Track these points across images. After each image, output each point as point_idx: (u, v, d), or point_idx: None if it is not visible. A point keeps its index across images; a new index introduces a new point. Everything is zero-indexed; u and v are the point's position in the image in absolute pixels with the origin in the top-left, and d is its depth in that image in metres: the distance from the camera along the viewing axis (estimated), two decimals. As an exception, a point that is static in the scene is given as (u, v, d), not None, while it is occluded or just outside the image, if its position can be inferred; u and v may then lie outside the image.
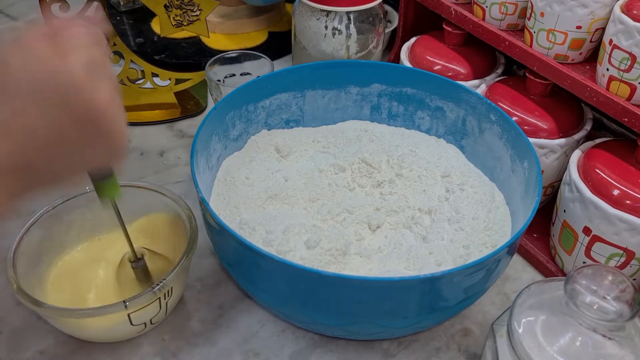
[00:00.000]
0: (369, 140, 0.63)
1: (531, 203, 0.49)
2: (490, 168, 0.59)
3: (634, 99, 0.50)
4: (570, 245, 0.55)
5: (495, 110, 0.57)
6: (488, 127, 0.58)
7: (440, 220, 0.54)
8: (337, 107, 0.64)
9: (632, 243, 0.50)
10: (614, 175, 0.51)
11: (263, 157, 0.61)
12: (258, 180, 0.58)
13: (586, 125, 0.59)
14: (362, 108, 0.65)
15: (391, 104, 0.64)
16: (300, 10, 0.65)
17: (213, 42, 0.90)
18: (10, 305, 0.55)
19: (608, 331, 0.39)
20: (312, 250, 0.50)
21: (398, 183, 0.59)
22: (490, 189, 0.58)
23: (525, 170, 0.53)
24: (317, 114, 0.64)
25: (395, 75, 0.62)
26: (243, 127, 0.61)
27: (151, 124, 0.77)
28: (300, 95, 0.63)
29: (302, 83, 0.62)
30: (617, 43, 0.49)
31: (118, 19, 0.94)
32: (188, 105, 0.79)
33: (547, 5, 0.54)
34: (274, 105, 0.62)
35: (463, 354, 0.52)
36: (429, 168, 0.59)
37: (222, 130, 0.58)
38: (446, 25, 0.66)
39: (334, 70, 0.62)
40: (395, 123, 0.65)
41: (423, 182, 0.58)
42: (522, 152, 0.54)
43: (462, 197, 0.56)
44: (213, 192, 0.57)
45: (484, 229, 0.53)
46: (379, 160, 0.60)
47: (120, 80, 0.75)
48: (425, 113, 0.63)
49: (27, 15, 1.01)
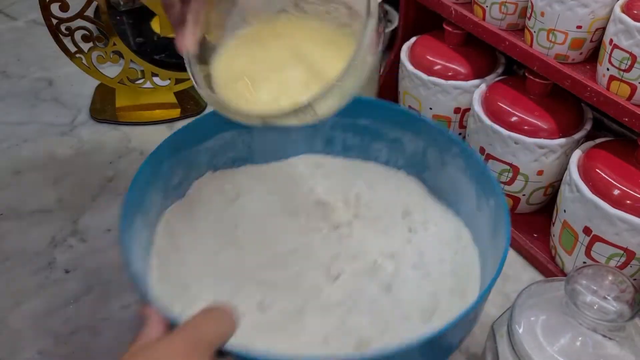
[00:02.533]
0: (322, 177, 0.59)
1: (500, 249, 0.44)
2: (455, 203, 0.55)
3: (634, 99, 0.50)
4: (571, 246, 0.55)
5: (458, 143, 0.52)
6: (450, 160, 0.54)
7: (404, 266, 0.51)
8: (287, 142, 0.60)
9: (633, 243, 0.50)
10: (615, 175, 0.51)
11: (208, 203, 0.56)
12: (203, 231, 0.53)
13: (586, 125, 0.59)
14: (315, 141, 0.60)
15: (345, 136, 0.59)
16: (300, 10, 0.65)
17: (213, 42, 0.90)
18: (10, 305, 0.55)
19: (608, 331, 0.39)
20: (265, 313, 0.46)
21: (356, 225, 0.54)
22: (455, 227, 0.54)
23: (492, 209, 0.49)
24: (266, 150, 0.60)
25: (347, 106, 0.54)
26: (184, 173, 0.55)
27: (151, 124, 0.77)
28: (247, 132, 0.58)
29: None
30: (617, 43, 0.49)
31: (118, 19, 0.94)
32: (188, 105, 0.79)
33: (548, 5, 0.54)
34: (217, 145, 0.57)
35: (463, 354, 0.52)
36: (388, 206, 0.55)
37: (160, 179, 0.52)
38: (446, 25, 0.66)
39: None
40: (351, 155, 0.61)
41: (383, 223, 0.54)
42: (488, 189, 0.49)
43: (426, 237, 0.53)
44: (153, 253, 0.50)
45: (451, 273, 0.50)
46: (334, 200, 0.56)
47: (120, 80, 0.75)
48: (383, 144, 0.59)
49: (27, 15, 1.01)
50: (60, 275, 0.58)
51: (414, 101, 0.68)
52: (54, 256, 0.59)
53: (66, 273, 0.58)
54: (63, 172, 0.70)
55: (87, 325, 0.53)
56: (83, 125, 0.77)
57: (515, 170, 0.59)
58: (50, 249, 0.60)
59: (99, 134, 0.76)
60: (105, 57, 0.72)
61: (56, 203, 0.66)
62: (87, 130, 0.76)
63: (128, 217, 0.46)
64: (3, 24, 0.99)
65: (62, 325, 0.53)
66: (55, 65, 0.87)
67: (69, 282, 0.57)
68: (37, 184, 0.68)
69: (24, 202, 0.65)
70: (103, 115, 0.78)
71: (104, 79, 0.74)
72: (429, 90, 0.66)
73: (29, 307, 0.55)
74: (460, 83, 0.65)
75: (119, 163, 0.71)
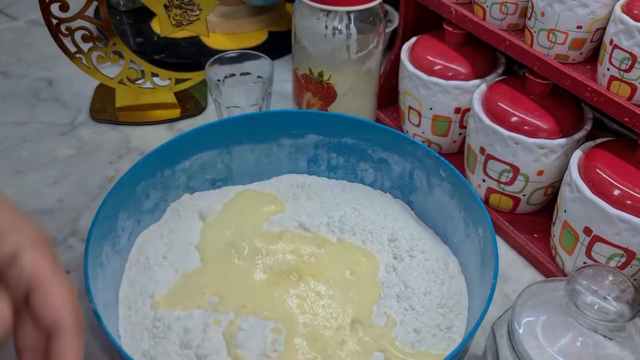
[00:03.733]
0: (306, 198, 0.57)
1: (488, 282, 0.44)
2: (443, 228, 0.54)
3: (634, 99, 0.50)
4: (571, 246, 0.55)
5: (445, 166, 0.51)
6: (438, 184, 0.53)
7: (387, 297, 0.49)
8: (270, 161, 0.59)
9: (633, 243, 0.50)
10: (615, 175, 0.51)
11: (185, 228, 0.54)
12: (176, 258, 0.51)
13: (586, 125, 0.59)
14: (298, 161, 0.59)
15: (330, 156, 0.58)
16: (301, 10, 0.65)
17: (213, 41, 0.90)
18: (10, 306, 0.54)
19: (609, 332, 0.39)
20: (239, 350, 0.44)
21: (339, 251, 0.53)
22: (443, 255, 0.52)
23: (480, 238, 0.48)
24: (247, 171, 0.59)
25: (331, 125, 0.56)
26: (159, 196, 0.54)
27: (151, 124, 0.77)
28: (226, 152, 0.57)
29: (226, 139, 0.56)
30: (617, 43, 0.49)
31: (118, 19, 0.94)
32: (188, 105, 0.79)
33: (548, 5, 0.54)
34: (195, 166, 0.56)
35: (463, 354, 0.52)
36: (374, 230, 0.54)
37: (132, 204, 0.51)
38: (446, 25, 0.66)
39: (262, 122, 0.56)
40: (336, 175, 0.60)
41: (368, 248, 0.53)
42: (476, 216, 0.48)
43: (412, 266, 0.51)
44: (124, 279, 0.50)
45: (437, 306, 0.48)
46: (317, 224, 0.54)
47: (120, 80, 0.75)
48: (368, 165, 0.58)
49: (27, 15, 1.01)
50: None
51: (414, 101, 0.68)
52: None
53: (66, 273, 0.58)
54: (63, 172, 0.70)
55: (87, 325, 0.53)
56: (83, 125, 0.77)
57: (516, 171, 0.59)
58: (50, 249, 0.60)
59: (99, 134, 0.76)
60: (105, 57, 0.72)
61: (56, 203, 0.66)
62: (87, 130, 0.76)
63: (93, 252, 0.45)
64: (3, 24, 0.99)
65: (62, 325, 0.53)
66: (55, 65, 0.87)
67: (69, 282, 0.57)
68: (37, 184, 0.68)
69: (24, 202, 0.65)
70: (103, 115, 0.78)
71: (104, 79, 0.74)
72: (429, 90, 0.66)
73: (29, 307, 0.55)
74: (460, 83, 0.65)
75: (119, 163, 0.71)
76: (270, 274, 0.51)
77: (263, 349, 0.45)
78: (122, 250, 0.51)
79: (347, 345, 0.46)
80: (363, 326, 0.47)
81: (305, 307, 0.48)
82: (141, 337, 0.46)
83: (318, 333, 0.46)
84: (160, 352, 0.45)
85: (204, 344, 0.45)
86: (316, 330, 0.47)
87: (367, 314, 0.48)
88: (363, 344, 0.46)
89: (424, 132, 0.70)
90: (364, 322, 0.48)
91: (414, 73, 0.66)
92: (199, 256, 0.52)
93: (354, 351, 0.45)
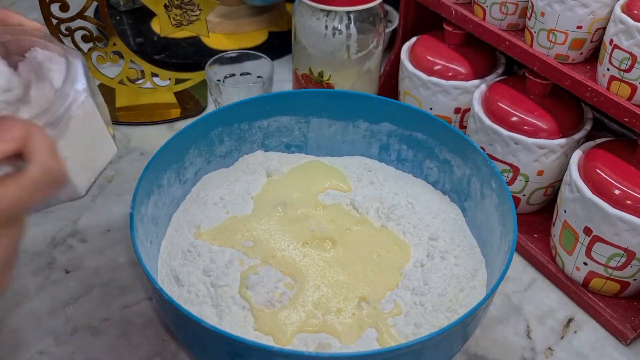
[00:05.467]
0: (368, 182, 0.59)
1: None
2: (485, 241, 0.53)
3: (634, 99, 0.50)
4: (571, 246, 0.55)
5: (497, 177, 0.51)
6: (488, 194, 0.53)
7: (404, 287, 0.50)
8: (345, 140, 0.62)
9: (633, 243, 0.50)
10: (615, 175, 0.51)
11: (249, 180, 0.58)
12: (231, 202, 0.56)
13: (586, 125, 0.59)
14: (371, 145, 0.61)
15: (401, 147, 0.60)
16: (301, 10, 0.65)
17: (213, 42, 0.90)
18: (10, 305, 0.55)
19: None
20: (249, 290, 0.49)
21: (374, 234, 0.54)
22: (475, 265, 0.52)
23: (506, 252, 0.47)
24: (322, 143, 0.62)
25: (405, 117, 0.58)
26: (234, 145, 0.59)
27: (151, 124, 0.77)
28: (304, 121, 0.60)
29: (305, 109, 0.59)
30: (617, 43, 0.49)
31: (118, 18, 0.94)
32: (188, 105, 0.79)
33: (548, 5, 0.54)
34: (272, 127, 0.60)
35: (463, 354, 0.52)
36: (418, 225, 0.55)
37: (205, 144, 0.57)
38: (446, 25, 0.66)
39: (342, 100, 0.59)
40: (404, 168, 0.61)
41: (406, 240, 0.54)
42: (509, 230, 0.47)
43: (439, 267, 0.51)
44: (181, 207, 0.56)
45: (447, 309, 0.48)
46: (367, 207, 0.56)
47: (120, 80, 0.75)
48: (434, 163, 0.59)
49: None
50: (60, 275, 0.58)
51: (414, 101, 0.68)
52: (54, 256, 0.59)
53: (66, 273, 0.58)
54: (63, 172, 0.70)
55: (87, 325, 0.53)
56: (83, 125, 0.77)
57: (516, 171, 0.59)
58: (50, 249, 0.60)
59: (99, 134, 0.76)
60: (105, 57, 0.72)
61: (56, 203, 0.66)
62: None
63: (156, 169, 0.51)
64: (3, 24, 0.99)
65: (62, 325, 0.53)
66: (55, 65, 0.87)
67: (69, 282, 0.57)
68: (37, 184, 0.68)
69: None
70: (103, 115, 0.78)
71: (104, 79, 0.74)
72: (429, 90, 0.66)
73: (29, 307, 0.55)
74: (460, 83, 0.65)
75: (119, 163, 0.71)
76: (306, 236, 0.54)
77: (270, 297, 0.48)
78: (187, 181, 0.56)
79: (342, 315, 0.48)
80: (369, 306, 0.49)
81: (326, 273, 0.51)
82: (175, 255, 0.52)
83: (324, 299, 0.49)
84: (184, 272, 0.50)
85: (222, 276, 0.49)
86: (325, 295, 0.49)
87: (378, 297, 0.49)
88: (359, 319, 0.48)
89: (424, 132, 0.70)
90: (371, 302, 0.49)
91: (414, 73, 0.66)
92: (252, 206, 0.56)
93: (347, 323, 0.47)
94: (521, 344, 0.54)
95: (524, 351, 0.53)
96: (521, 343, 0.54)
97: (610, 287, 0.55)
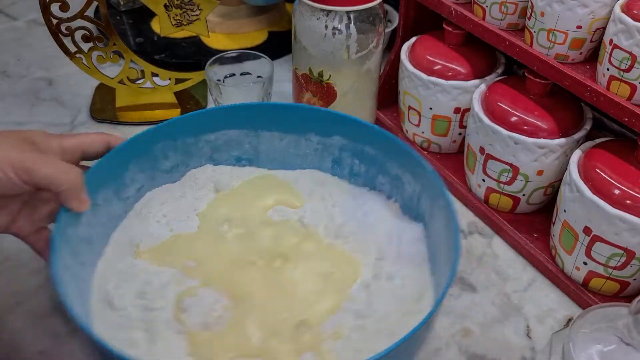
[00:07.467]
0: (320, 198, 0.57)
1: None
2: (434, 262, 0.50)
3: (634, 99, 0.50)
4: (571, 245, 0.55)
5: (444, 196, 0.47)
6: (436, 213, 0.49)
7: (347, 310, 0.47)
8: (297, 153, 0.59)
9: (633, 243, 0.50)
10: (615, 175, 0.51)
11: (196, 195, 0.56)
12: (175, 219, 0.54)
13: (586, 125, 0.59)
14: (324, 159, 0.59)
15: (353, 161, 0.58)
16: (300, 10, 0.65)
17: (213, 41, 0.90)
18: (10, 306, 0.55)
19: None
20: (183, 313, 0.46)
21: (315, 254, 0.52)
22: (422, 287, 0.48)
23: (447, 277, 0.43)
24: (274, 156, 0.59)
25: (355, 131, 0.56)
26: (180, 159, 0.56)
27: (151, 124, 0.77)
28: (254, 135, 0.58)
29: (252, 122, 0.57)
30: (617, 43, 0.49)
31: (118, 18, 0.94)
32: (188, 105, 0.79)
33: (548, 5, 0.54)
34: (220, 140, 0.57)
35: (463, 354, 0.52)
36: (366, 243, 0.52)
37: (147, 160, 0.53)
38: (446, 25, 0.66)
39: (290, 113, 0.57)
40: (357, 182, 0.58)
41: (355, 258, 0.51)
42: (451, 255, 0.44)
43: (385, 289, 0.48)
44: (121, 224, 0.52)
45: (389, 334, 0.44)
46: (316, 224, 0.54)
47: (120, 80, 0.75)
48: (386, 179, 0.56)
49: (27, 15, 1.01)
50: (60, 275, 0.58)
51: (413, 101, 0.68)
52: (54, 256, 0.59)
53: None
54: (63, 172, 0.70)
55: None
56: (83, 125, 0.77)
57: (515, 170, 0.59)
58: (50, 249, 0.60)
59: (99, 134, 0.76)
60: (105, 57, 0.73)
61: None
62: (87, 130, 0.76)
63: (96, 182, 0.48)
64: (3, 24, 0.99)
65: (62, 325, 0.53)
66: (55, 65, 0.87)
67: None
68: (37, 184, 0.68)
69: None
70: (103, 115, 0.78)
71: (104, 79, 0.74)
72: (428, 90, 0.66)
73: (29, 307, 0.55)
74: (460, 83, 0.65)
75: (119, 163, 0.71)
76: (251, 255, 0.51)
77: (205, 319, 0.46)
78: (129, 199, 0.53)
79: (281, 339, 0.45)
80: (309, 330, 0.46)
81: (268, 294, 0.48)
82: (111, 277, 0.48)
83: (264, 322, 0.46)
84: (118, 294, 0.47)
85: (156, 298, 0.47)
86: (263, 319, 0.46)
87: (319, 321, 0.47)
88: (298, 343, 0.45)
89: (424, 132, 0.70)
90: (311, 326, 0.46)
91: (414, 73, 0.66)
92: (197, 223, 0.54)
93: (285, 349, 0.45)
94: (521, 344, 0.54)
95: (523, 351, 0.53)
96: (521, 343, 0.54)
97: (610, 286, 0.55)
